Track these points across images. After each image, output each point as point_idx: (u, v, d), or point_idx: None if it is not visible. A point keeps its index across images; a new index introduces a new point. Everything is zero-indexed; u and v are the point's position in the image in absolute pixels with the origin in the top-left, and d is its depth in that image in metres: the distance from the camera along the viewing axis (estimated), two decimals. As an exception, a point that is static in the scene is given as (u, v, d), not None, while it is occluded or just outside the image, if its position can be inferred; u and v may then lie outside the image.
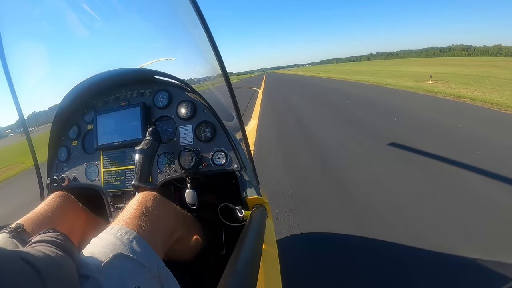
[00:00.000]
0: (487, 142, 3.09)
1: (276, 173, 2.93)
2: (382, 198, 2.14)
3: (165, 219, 0.73)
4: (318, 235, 1.80)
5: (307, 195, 2.36)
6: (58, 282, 0.38)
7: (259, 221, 0.81)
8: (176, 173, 0.98)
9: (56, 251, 0.48)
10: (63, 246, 0.51)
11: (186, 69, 1.36)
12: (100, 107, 1.12)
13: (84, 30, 1.21)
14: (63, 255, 0.47)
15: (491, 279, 1.31)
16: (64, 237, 0.55)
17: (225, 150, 0.96)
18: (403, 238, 1.62)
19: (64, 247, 0.51)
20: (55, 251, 0.47)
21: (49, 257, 0.43)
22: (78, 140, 1.12)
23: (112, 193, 1.04)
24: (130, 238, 0.58)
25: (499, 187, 2.06)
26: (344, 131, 4.33)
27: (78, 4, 1.17)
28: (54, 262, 0.43)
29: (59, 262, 0.45)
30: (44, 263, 0.38)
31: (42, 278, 0.31)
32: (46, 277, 0.33)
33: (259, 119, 6.31)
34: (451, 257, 1.44)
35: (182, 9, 0.81)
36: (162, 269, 0.59)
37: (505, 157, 2.59)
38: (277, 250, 0.87)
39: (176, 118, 1.03)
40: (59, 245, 0.50)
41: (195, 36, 0.95)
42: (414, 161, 2.77)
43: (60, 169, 1.12)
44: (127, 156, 1.04)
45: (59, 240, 0.52)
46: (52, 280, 0.35)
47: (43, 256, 0.42)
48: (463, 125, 3.80)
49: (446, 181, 2.27)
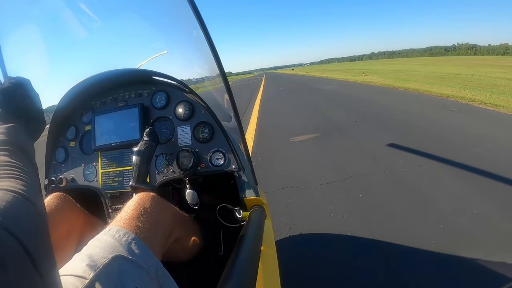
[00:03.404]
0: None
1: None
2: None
3: (164, 220, 0.72)
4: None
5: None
6: (38, 242, 0.31)
7: (258, 222, 0.81)
8: (174, 174, 0.98)
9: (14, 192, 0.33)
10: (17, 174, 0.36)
11: (184, 70, 1.36)
12: (98, 108, 1.11)
13: (82, 31, 1.21)
14: (22, 195, 0.33)
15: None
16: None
17: (223, 151, 0.96)
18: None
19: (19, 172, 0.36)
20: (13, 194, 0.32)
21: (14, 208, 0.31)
22: (76, 141, 1.11)
23: (110, 194, 1.04)
24: (129, 240, 0.58)
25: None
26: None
27: (76, 4, 1.16)
28: (23, 216, 0.31)
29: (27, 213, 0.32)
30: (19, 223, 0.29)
31: (24, 246, 0.29)
32: (29, 244, 0.29)
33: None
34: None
35: (180, 9, 0.81)
36: (161, 271, 0.59)
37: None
38: (275, 250, 0.87)
39: (174, 119, 1.03)
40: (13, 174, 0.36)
41: (193, 36, 0.95)
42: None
43: (58, 170, 1.12)
44: (125, 157, 1.04)
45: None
46: (34, 246, 0.30)
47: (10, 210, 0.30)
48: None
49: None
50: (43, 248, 0.32)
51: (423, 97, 6.62)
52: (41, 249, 0.31)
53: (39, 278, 0.29)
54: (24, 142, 0.45)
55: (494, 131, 3.47)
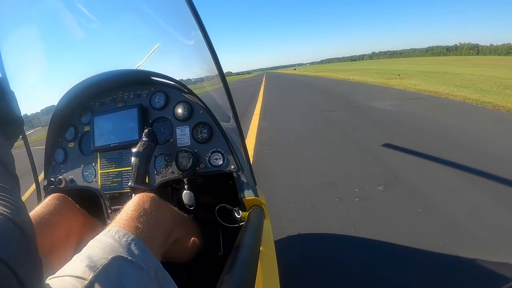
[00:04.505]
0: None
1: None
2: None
3: (163, 221, 0.73)
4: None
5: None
6: (25, 265, 0.31)
7: (257, 222, 0.81)
8: (173, 174, 0.98)
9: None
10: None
11: (183, 70, 1.36)
12: (97, 109, 1.11)
13: (81, 31, 1.20)
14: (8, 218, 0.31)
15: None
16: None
17: (222, 151, 0.96)
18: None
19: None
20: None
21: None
22: (75, 141, 1.11)
23: (109, 195, 1.04)
24: (128, 240, 0.58)
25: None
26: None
27: (74, 5, 1.16)
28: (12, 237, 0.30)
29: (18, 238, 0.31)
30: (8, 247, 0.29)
31: (9, 266, 0.29)
32: (14, 264, 0.30)
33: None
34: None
35: (178, 9, 0.81)
36: (160, 271, 0.59)
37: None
38: (274, 251, 0.88)
39: (173, 119, 1.03)
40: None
41: (191, 37, 0.95)
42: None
43: (57, 170, 1.12)
44: (124, 157, 1.04)
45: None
46: (19, 265, 0.29)
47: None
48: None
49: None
50: (31, 268, 0.32)
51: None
52: (29, 269, 0.31)
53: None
54: (2, 153, 0.41)
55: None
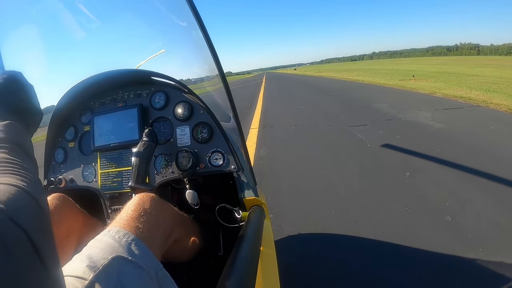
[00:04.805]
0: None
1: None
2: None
3: (163, 221, 0.72)
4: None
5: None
6: (39, 230, 0.30)
7: (257, 222, 0.81)
8: (174, 174, 0.98)
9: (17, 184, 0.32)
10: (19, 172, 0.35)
11: (183, 70, 1.36)
12: (97, 108, 1.11)
13: (81, 31, 1.20)
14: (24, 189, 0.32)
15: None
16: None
17: (222, 151, 0.96)
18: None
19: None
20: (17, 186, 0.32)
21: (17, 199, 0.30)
22: (75, 141, 1.11)
23: (109, 195, 1.04)
24: (128, 240, 0.58)
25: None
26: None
27: (75, 5, 1.16)
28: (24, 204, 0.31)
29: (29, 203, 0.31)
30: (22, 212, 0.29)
31: (26, 233, 0.28)
32: (33, 235, 0.29)
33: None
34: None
35: (179, 9, 0.81)
36: (161, 271, 0.59)
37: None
38: (275, 251, 0.88)
39: (173, 119, 1.02)
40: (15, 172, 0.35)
41: (192, 36, 0.94)
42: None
43: (57, 170, 1.11)
44: (124, 157, 1.04)
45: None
46: (38, 238, 0.28)
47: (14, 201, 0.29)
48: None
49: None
50: (47, 242, 0.31)
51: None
52: (45, 242, 0.30)
53: (44, 270, 0.28)
54: (22, 139, 0.44)
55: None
